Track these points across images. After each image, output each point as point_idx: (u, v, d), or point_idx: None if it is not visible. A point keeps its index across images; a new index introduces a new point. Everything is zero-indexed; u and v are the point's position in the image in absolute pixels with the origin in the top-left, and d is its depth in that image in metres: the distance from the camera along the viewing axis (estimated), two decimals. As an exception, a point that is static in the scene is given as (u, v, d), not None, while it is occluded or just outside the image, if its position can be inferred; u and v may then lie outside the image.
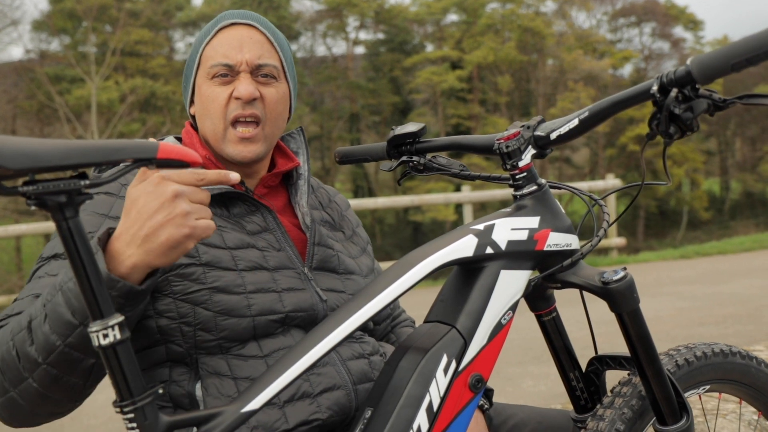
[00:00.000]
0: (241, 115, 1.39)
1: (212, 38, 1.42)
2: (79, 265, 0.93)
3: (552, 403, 3.59)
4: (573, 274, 1.30)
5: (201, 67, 1.43)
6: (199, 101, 1.43)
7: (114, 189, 1.33)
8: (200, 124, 1.44)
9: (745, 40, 1.02)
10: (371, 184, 30.48)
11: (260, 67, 1.41)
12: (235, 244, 1.34)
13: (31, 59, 25.82)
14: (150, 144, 0.97)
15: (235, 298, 1.29)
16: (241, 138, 1.40)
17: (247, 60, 1.39)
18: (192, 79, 1.45)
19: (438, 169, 1.48)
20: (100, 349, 0.94)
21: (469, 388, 1.19)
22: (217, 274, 1.29)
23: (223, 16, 1.45)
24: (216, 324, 1.27)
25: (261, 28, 1.44)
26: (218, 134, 1.41)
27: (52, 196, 0.89)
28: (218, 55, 1.40)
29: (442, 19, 31.08)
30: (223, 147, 1.41)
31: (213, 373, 1.27)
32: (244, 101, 1.38)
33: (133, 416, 0.96)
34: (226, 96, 1.39)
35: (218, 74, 1.39)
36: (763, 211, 33.60)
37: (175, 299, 1.28)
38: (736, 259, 9.37)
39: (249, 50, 1.40)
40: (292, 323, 1.34)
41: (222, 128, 1.40)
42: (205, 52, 1.42)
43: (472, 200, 9.77)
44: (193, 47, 1.46)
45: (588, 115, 1.21)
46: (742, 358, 1.48)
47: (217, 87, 1.40)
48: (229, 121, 1.40)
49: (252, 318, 1.29)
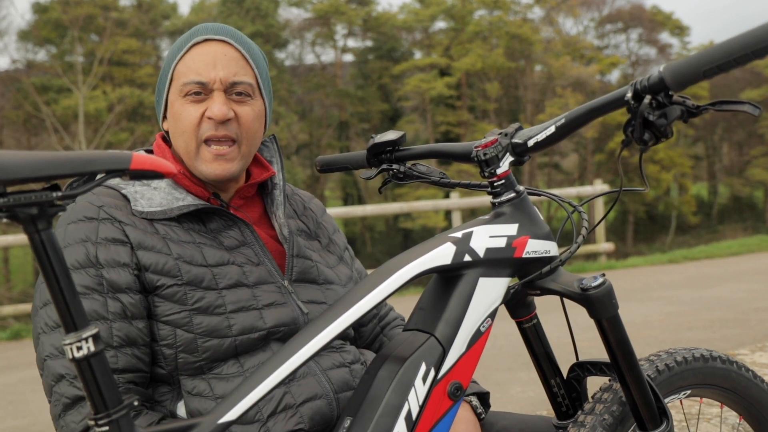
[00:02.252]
0: (214, 137, 1.36)
1: (185, 54, 1.38)
2: (52, 277, 0.92)
3: (540, 409, 3.59)
4: (552, 281, 1.30)
5: (173, 83, 1.39)
6: (171, 118, 1.40)
7: (92, 213, 1.30)
8: (173, 140, 1.41)
9: (716, 47, 1.03)
10: (361, 191, 30.47)
11: (234, 84, 1.37)
12: (215, 261, 1.33)
13: (18, 69, 25.73)
14: (123, 155, 0.96)
15: (216, 319, 1.28)
16: (216, 155, 1.37)
17: (221, 78, 1.35)
18: (165, 94, 1.41)
19: (418, 177, 1.48)
20: (74, 362, 0.93)
21: (449, 396, 1.18)
22: (199, 294, 1.28)
23: (197, 31, 1.40)
24: (198, 346, 1.27)
25: (235, 44, 1.39)
26: (191, 152, 1.38)
27: (24, 208, 0.88)
28: (191, 72, 1.36)
29: (430, 27, 31.22)
30: (197, 165, 1.38)
31: (195, 395, 1.27)
32: (216, 122, 1.35)
33: (107, 429, 0.95)
34: (198, 115, 1.36)
35: (191, 92, 1.36)
36: (751, 215, 33.83)
37: (157, 321, 1.28)
38: (724, 264, 9.41)
39: (223, 68, 1.36)
40: (273, 338, 1.33)
41: (194, 146, 1.37)
42: (178, 68, 1.38)
43: (462, 207, 9.80)
44: (166, 62, 1.42)
45: (564, 122, 1.22)
46: (722, 363, 1.48)
47: (189, 105, 1.36)
48: (202, 140, 1.36)
49: (234, 338, 1.29)
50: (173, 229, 1.33)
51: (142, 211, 1.32)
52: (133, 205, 1.33)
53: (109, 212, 1.30)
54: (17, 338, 7.32)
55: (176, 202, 1.35)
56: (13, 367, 5.78)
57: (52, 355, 1.23)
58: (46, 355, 1.24)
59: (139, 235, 1.29)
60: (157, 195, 1.35)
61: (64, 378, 1.22)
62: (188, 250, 1.31)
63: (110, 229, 1.28)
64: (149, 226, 1.32)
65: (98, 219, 1.29)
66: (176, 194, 1.36)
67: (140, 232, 1.30)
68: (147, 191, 1.35)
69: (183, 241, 1.32)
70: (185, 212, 1.34)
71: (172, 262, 1.28)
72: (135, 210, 1.32)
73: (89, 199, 1.32)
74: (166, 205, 1.34)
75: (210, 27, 1.41)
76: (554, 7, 30.97)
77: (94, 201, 1.32)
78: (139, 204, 1.33)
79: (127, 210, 1.33)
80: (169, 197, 1.35)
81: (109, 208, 1.31)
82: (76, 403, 1.21)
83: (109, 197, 1.34)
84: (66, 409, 1.21)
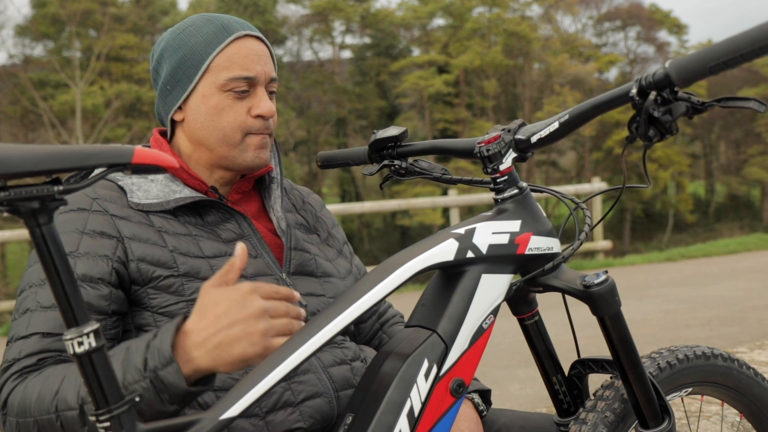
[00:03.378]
0: (261, 132, 1.39)
1: (225, 47, 1.36)
2: (53, 271, 0.91)
3: (539, 407, 3.59)
4: (555, 278, 1.30)
5: (209, 76, 1.36)
6: (206, 111, 1.37)
7: (85, 204, 1.30)
8: (200, 132, 1.39)
9: (722, 43, 1.02)
10: (358, 188, 30.47)
11: (273, 81, 1.41)
12: (212, 252, 1.33)
13: (15, 64, 25.67)
14: (125, 149, 0.96)
15: None
16: (261, 145, 1.40)
17: (266, 73, 1.39)
18: (191, 85, 1.38)
19: (419, 173, 1.48)
20: (76, 357, 0.93)
21: (451, 393, 1.18)
22: (197, 285, 1.28)
23: (230, 25, 1.39)
24: None
25: (265, 41, 1.43)
26: (233, 143, 1.38)
27: (25, 202, 0.88)
28: (236, 67, 1.35)
29: (428, 24, 31.19)
30: (239, 154, 1.39)
31: None
32: (265, 119, 1.39)
33: (109, 425, 0.94)
34: (244, 110, 1.37)
35: (237, 89, 1.36)
36: (748, 214, 33.88)
37: (153, 313, 1.27)
38: (721, 262, 9.42)
39: (264, 64, 1.39)
40: None
41: (239, 138, 1.38)
42: (217, 61, 1.36)
43: (459, 204, 9.79)
44: (193, 50, 1.37)
45: (568, 118, 1.21)
46: (723, 361, 1.48)
47: (232, 101, 1.36)
48: (246, 132, 1.39)
49: None
50: (169, 222, 1.33)
51: (138, 203, 1.32)
52: (129, 197, 1.33)
53: (102, 205, 1.30)
54: (14, 334, 7.30)
55: (173, 195, 1.34)
56: (10, 362, 5.77)
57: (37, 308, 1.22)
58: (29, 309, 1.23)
59: (134, 227, 1.29)
60: (154, 187, 1.35)
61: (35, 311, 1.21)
62: (184, 242, 1.31)
63: (100, 221, 1.28)
64: (145, 219, 1.31)
65: (89, 210, 1.29)
66: (173, 187, 1.36)
67: (135, 225, 1.29)
68: (144, 183, 1.35)
69: (179, 233, 1.32)
70: (182, 204, 1.34)
71: (167, 254, 1.28)
72: (131, 202, 1.32)
73: (84, 191, 1.31)
74: (162, 198, 1.34)
75: (239, 22, 1.41)
76: (552, 4, 30.95)
77: (89, 193, 1.31)
78: (135, 196, 1.33)
79: (123, 202, 1.32)
80: (166, 189, 1.35)
81: (102, 201, 1.30)
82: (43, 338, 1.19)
83: (104, 189, 1.33)
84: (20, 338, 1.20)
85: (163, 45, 1.41)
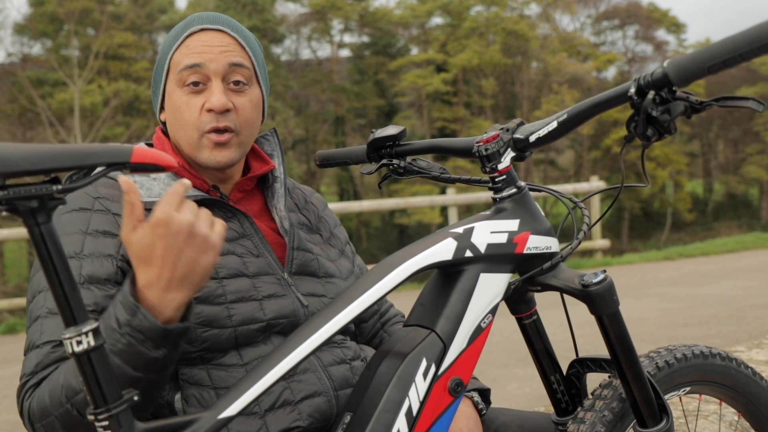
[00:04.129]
0: (215, 128, 1.36)
1: (181, 44, 1.38)
2: (51, 271, 0.91)
3: (536, 406, 3.59)
4: (553, 277, 1.30)
5: (170, 74, 1.38)
6: (170, 109, 1.39)
7: (87, 204, 1.29)
8: (172, 131, 1.41)
9: (721, 43, 1.03)
10: (356, 187, 30.47)
11: (232, 67, 1.36)
12: None
13: (13, 63, 25.63)
14: (124, 148, 0.96)
15: (216, 309, 1.27)
16: (216, 143, 1.36)
17: (218, 60, 1.35)
18: (162, 85, 1.40)
19: (418, 172, 1.48)
20: (74, 356, 0.93)
21: (449, 392, 1.18)
22: None
23: (192, 20, 1.40)
24: (197, 335, 1.25)
25: (231, 32, 1.39)
26: (192, 143, 1.37)
27: (24, 201, 0.88)
28: (187, 59, 1.35)
29: (426, 22, 31.17)
30: (198, 154, 1.38)
31: (193, 384, 1.26)
32: (216, 112, 1.35)
33: (107, 424, 0.94)
34: (198, 106, 1.35)
35: (189, 82, 1.35)
36: (746, 213, 33.92)
37: None
38: (719, 261, 9.44)
39: (219, 52, 1.36)
40: (273, 330, 1.32)
41: (196, 137, 1.36)
42: (174, 57, 1.38)
43: (458, 203, 9.80)
44: (161, 52, 1.42)
45: (567, 117, 1.21)
46: (722, 360, 1.48)
47: (188, 96, 1.36)
48: (204, 131, 1.36)
49: (233, 328, 1.28)
50: None
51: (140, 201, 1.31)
52: None
53: (104, 204, 1.29)
54: (12, 332, 7.31)
55: None
56: (8, 361, 5.77)
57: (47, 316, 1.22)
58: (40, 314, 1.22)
59: None
60: (156, 186, 1.34)
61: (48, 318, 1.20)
62: None
63: (102, 220, 1.28)
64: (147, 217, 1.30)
65: (92, 210, 1.28)
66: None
67: None
68: (146, 181, 1.34)
69: None
70: None
71: None
72: None
73: (86, 190, 1.30)
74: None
75: (205, 16, 1.41)
76: (551, 3, 30.96)
77: (90, 192, 1.31)
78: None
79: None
80: (168, 188, 1.34)
81: (104, 200, 1.30)
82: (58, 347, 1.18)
83: (107, 188, 1.33)
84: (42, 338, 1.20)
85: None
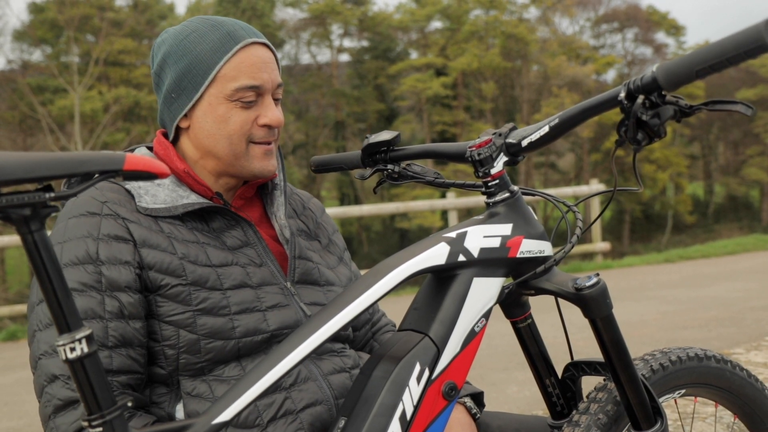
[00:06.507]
0: (266, 141, 1.38)
1: (232, 57, 1.34)
2: (45, 278, 0.92)
3: (536, 409, 3.59)
4: (546, 281, 1.30)
5: (216, 85, 1.34)
6: (212, 120, 1.35)
7: (95, 208, 1.28)
8: (207, 141, 1.37)
9: (709, 47, 1.03)
10: (357, 191, 30.46)
11: (279, 86, 1.39)
12: (219, 261, 1.32)
13: (13, 70, 25.66)
14: (116, 156, 0.96)
15: (220, 321, 1.27)
16: (266, 152, 1.39)
17: (272, 81, 1.37)
18: (198, 93, 1.35)
19: (412, 177, 1.48)
20: (68, 363, 0.93)
21: (443, 396, 1.19)
22: (204, 295, 1.27)
23: (236, 32, 1.36)
24: (201, 347, 1.26)
25: (271, 47, 1.40)
26: (239, 152, 1.37)
27: (17, 209, 0.88)
28: (243, 76, 1.33)
29: (426, 27, 31.20)
30: (246, 164, 1.38)
31: (194, 396, 1.26)
32: (272, 127, 1.38)
33: (101, 430, 0.95)
34: (251, 120, 1.35)
35: (244, 99, 1.34)
36: (747, 215, 33.89)
37: (160, 321, 1.26)
38: (720, 263, 9.43)
39: (270, 71, 1.36)
40: (275, 341, 1.32)
41: (244, 147, 1.36)
42: (224, 71, 1.33)
43: (458, 207, 9.80)
44: (199, 58, 1.34)
45: (558, 122, 1.22)
46: (717, 362, 1.49)
47: (239, 110, 1.34)
48: (251, 141, 1.37)
49: (237, 340, 1.28)
50: (177, 228, 1.32)
51: (146, 207, 1.31)
52: (137, 201, 1.32)
53: (112, 208, 1.29)
54: (13, 339, 7.30)
55: (180, 200, 1.34)
56: (9, 368, 5.77)
57: (46, 353, 1.22)
58: (41, 354, 1.23)
59: (144, 232, 1.28)
60: (161, 192, 1.34)
61: (58, 379, 1.20)
62: (193, 249, 1.30)
63: (113, 225, 1.27)
64: (154, 224, 1.30)
65: (101, 214, 1.28)
66: (180, 192, 1.35)
67: (145, 230, 1.28)
68: (151, 187, 1.34)
69: (187, 240, 1.31)
70: (189, 210, 1.33)
71: (177, 262, 1.27)
72: (140, 206, 1.31)
73: (92, 194, 1.30)
74: (170, 203, 1.33)
75: (245, 28, 1.38)
76: (550, 6, 30.98)
77: (97, 196, 1.30)
78: (143, 200, 1.32)
79: (131, 206, 1.31)
80: (174, 195, 1.34)
81: (112, 204, 1.29)
82: (69, 406, 1.19)
83: (112, 192, 1.32)
84: (57, 411, 1.20)
85: (165, 50, 1.38)
